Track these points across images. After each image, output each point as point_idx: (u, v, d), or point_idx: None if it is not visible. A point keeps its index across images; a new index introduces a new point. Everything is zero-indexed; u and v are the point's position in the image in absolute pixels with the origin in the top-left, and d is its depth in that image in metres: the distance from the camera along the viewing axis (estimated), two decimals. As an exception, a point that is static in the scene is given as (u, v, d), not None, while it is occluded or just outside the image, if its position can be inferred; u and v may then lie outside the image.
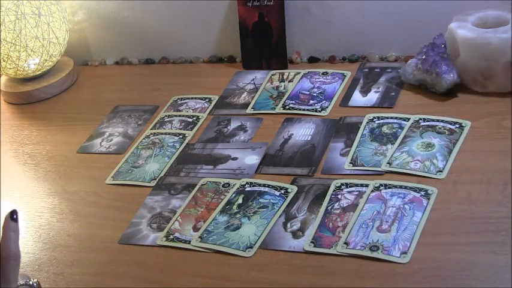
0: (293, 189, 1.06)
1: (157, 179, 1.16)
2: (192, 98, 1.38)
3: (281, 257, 0.95)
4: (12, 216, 0.78)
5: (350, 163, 1.09)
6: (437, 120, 1.14)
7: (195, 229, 1.03)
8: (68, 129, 1.37)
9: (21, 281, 0.80)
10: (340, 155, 1.12)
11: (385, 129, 1.15)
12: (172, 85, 1.45)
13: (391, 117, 1.17)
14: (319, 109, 1.25)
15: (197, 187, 1.11)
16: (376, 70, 1.33)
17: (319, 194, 1.04)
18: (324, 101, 1.27)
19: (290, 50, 1.42)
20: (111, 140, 1.30)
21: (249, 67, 1.44)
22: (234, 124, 1.26)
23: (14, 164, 1.29)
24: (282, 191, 1.06)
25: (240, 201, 1.06)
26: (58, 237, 1.08)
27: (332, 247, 0.94)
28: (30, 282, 0.81)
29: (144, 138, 1.27)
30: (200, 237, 1.01)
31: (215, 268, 0.96)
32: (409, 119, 1.16)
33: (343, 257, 0.93)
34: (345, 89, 1.30)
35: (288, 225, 1.00)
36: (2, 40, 1.40)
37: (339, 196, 1.03)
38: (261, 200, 1.05)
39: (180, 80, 1.47)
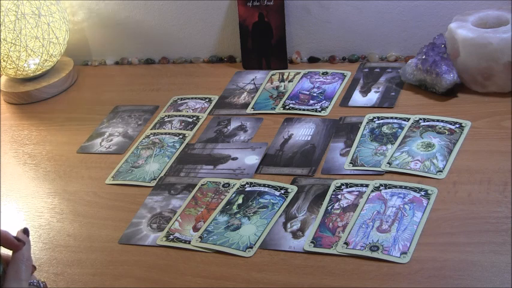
0: (293, 189, 1.06)
1: (157, 179, 1.16)
2: (192, 98, 1.38)
3: (281, 257, 0.95)
4: (24, 232, 0.82)
5: (350, 163, 1.09)
6: (437, 120, 1.14)
7: (195, 229, 1.03)
8: (68, 129, 1.37)
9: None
10: (340, 155, 1.12)
11: (385, 129, 1.15)
12: (172, 85, 1.45)
13: (391, 117, 1.17)
14: (319, 109, 1.25)
15: (197, 187, 1.11)
16: (376, 70, 1.33)
17: (319, 194, 1.04)
18: (324, 101, 1.27)
19: (290, 50, 1.42)
20: (111, 140, 1.30)
21: (249, 67, 1.44)
22: (234, 124, 1.26)
23: (14, 164, 1.29)
24: (282, 191, 1.06)
25: (240, 201, 1.06)
26: (58, 237, 1.08)
27: (332, 247, 0.94)
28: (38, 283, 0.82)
29: (144, 138, 1.27)
30: (200, 237, 1.01)
31: (215, 268, 0.96)
32: (409, 119, 1.16)
33: (343, 257, 0.93)
34: (345, 89, 1.30)
35: (288, 225, 1.00)
36: (2, 40, 1.40)
37: (339, 196, 1.03)
38: (261, 200, 1.05)
39: (180, 80, 1.47)
